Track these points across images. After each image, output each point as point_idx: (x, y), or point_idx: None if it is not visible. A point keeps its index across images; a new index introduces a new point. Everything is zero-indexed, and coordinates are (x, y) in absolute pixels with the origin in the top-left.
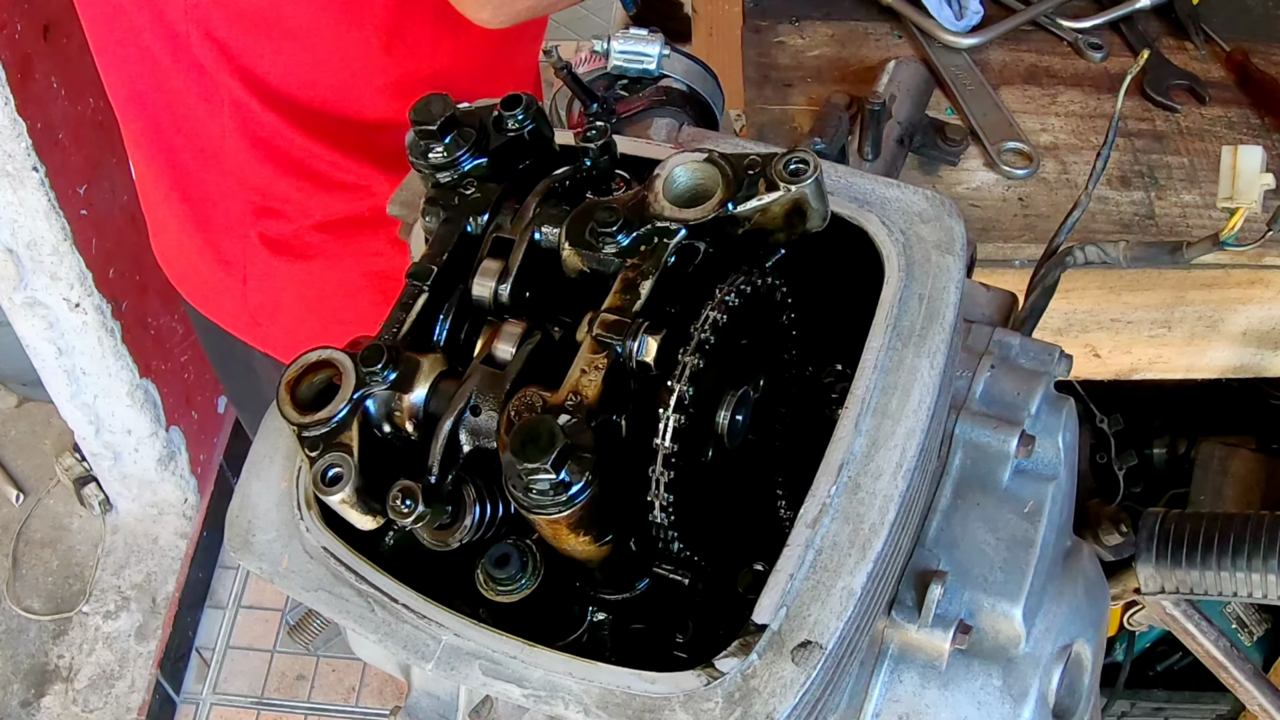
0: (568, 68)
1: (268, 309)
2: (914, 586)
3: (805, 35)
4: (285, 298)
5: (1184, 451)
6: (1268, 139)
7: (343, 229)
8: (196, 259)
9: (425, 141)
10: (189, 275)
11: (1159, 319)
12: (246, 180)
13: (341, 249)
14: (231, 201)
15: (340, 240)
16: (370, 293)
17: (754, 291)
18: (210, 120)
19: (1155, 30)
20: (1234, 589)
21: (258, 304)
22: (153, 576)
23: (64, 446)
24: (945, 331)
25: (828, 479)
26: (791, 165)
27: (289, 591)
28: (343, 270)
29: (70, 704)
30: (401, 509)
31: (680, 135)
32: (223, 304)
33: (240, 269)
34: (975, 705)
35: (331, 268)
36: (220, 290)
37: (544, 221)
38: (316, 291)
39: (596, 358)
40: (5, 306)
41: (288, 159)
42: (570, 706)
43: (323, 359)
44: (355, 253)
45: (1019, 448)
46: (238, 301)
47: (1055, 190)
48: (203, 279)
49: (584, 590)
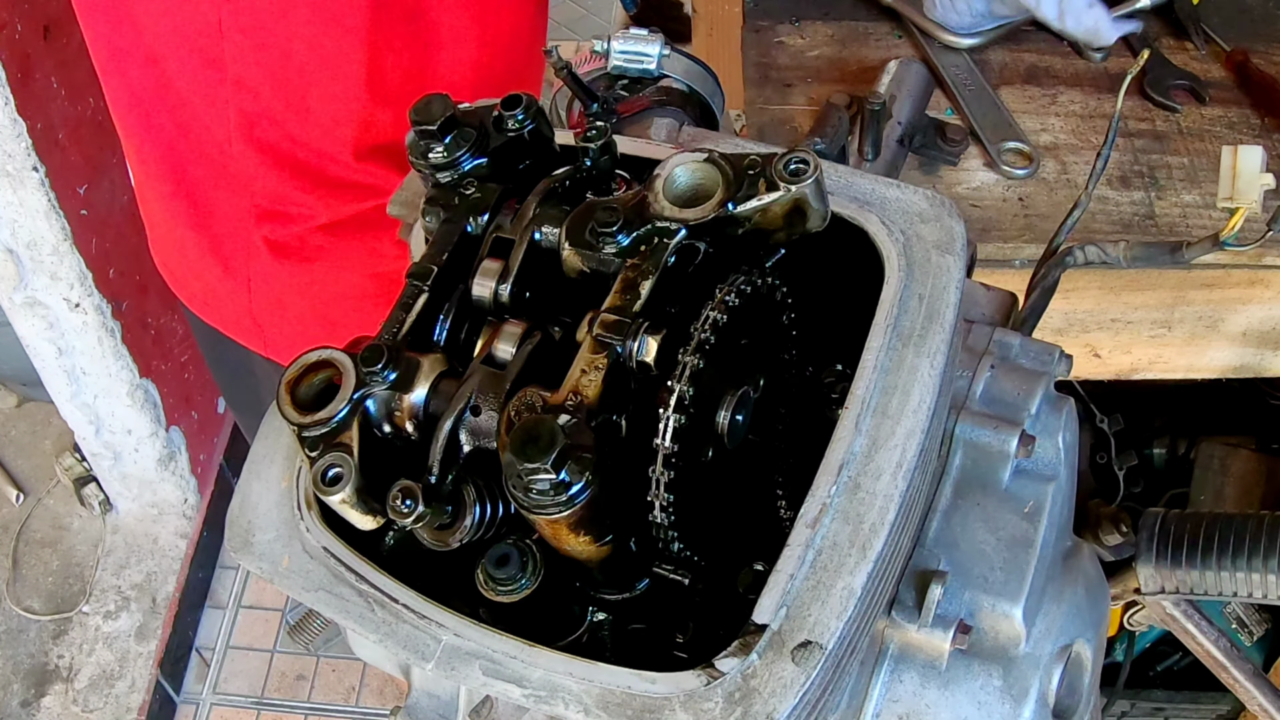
0: (568, 68)
1: (272, 313)
2: (914, 586)
3: (805, 35)
4: (289, 301)
5: (1184, 451)
6: (1268, 139)
7: (348, 230)
8: (199, 264)
9: (425, 141)
10: (190, 280)
11: (1159, 319)
12: (251, 184)
13: (346, 250)
14: (235, 206)
15: (345, 241)
16: (375, 295)
17: (754, 291)
18: (215, 125)
19: (1155, 30)
20: (1234, 589)
21: (261, 308)
22: (153, 576)
23: (64, 446)
24: (945, 331)
25: (828, 479)
26: (791, 165)
27: (289, 591)
28: (348, 272)
29: (70, 704)
30: (401, 509)
31: (680, 135)
32: (225, 309)
33: (244, 273)
34: (975, 705)
35: (336, 270)
36: (223, 295)
37: (544, 221)
38: (321, 294)
39: (596, 358)
40: (5, 306)
41: (293, 161)
42: (570, 706)
43: (323, 359)
44: (360, 254)
45: (1019, 448)
46: (241, 306)
47: (1055, 190)
48: (205, 284)
49: (584, 590)
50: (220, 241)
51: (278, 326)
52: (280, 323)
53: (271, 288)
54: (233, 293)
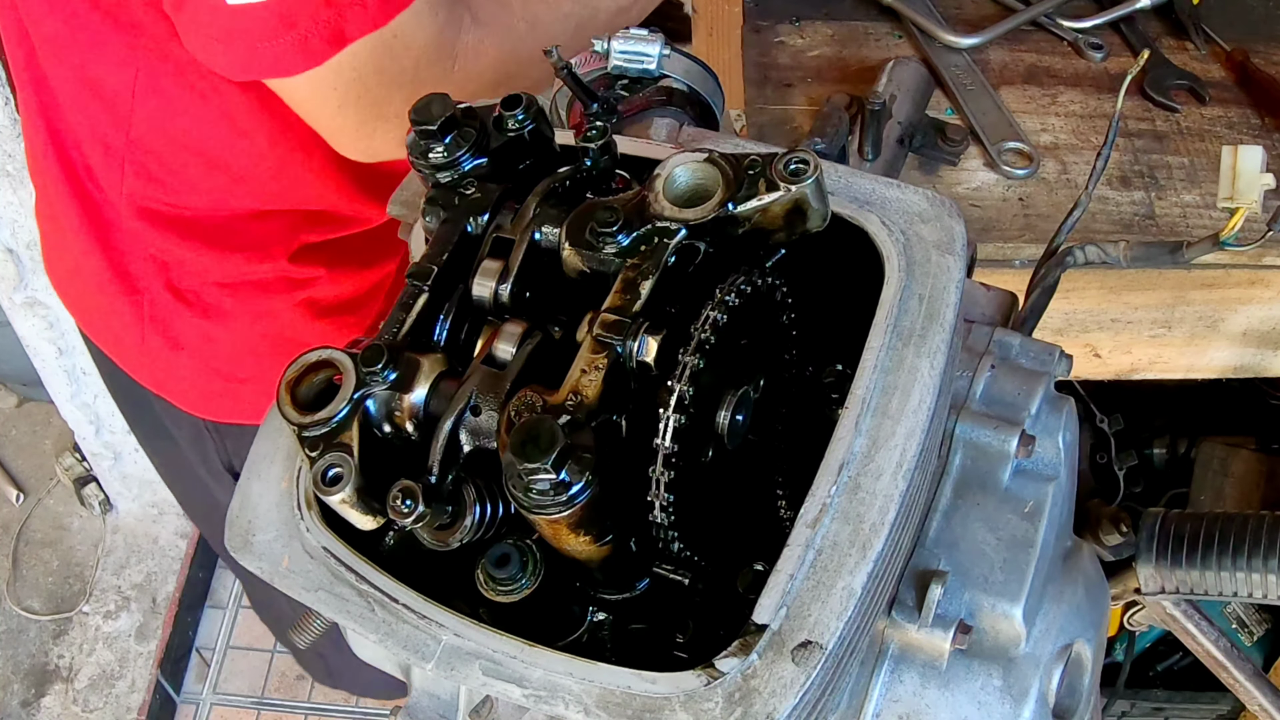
0: (568, 67)
1: (162, 350)
2: (914, 586)
3: (805, 35)
4: (184, 340)
5: (1184, 451)
6: (1268, 139)
7: (244, 290)
8: (94, 285)
9: (425, 141)
10: (83, 299)
11: (1159, 319)
12: (143, 238)
13: (241, 309)
14: (134, 249)
15: (241, 301)
16: (268, 353)
17: (754, 291)
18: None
19: (1155, 30)
20: (1234, 589)
21: (155, 345)
22: (153, 576)
23: (64, 446)
24: (945, 331)
25: (828, 479)
26: (791, 165)
27: (289, 591)
28: (243, 327)
29: (70, 704)
30: (401, 509)
31: (680, 135)
32: (120, 337)
33: (141, 309)
34: (975, 705)
35: (232, 323)
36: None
37: (544, 221)
38: (212, 341)
39: (596, 358)
40: (5, 306)
41: (181, 222)
42: (570, 706)
43: (323, 359)
44: (254, 313)
45: (1019, 448)
46: (134, 337)
47: (1055, 190)
48: (100, 307)
49: (584, 590)
50: (123, 267)
51: (169, 366)
52: (173, 363)
53: (168, 326)
54: (130, 324)
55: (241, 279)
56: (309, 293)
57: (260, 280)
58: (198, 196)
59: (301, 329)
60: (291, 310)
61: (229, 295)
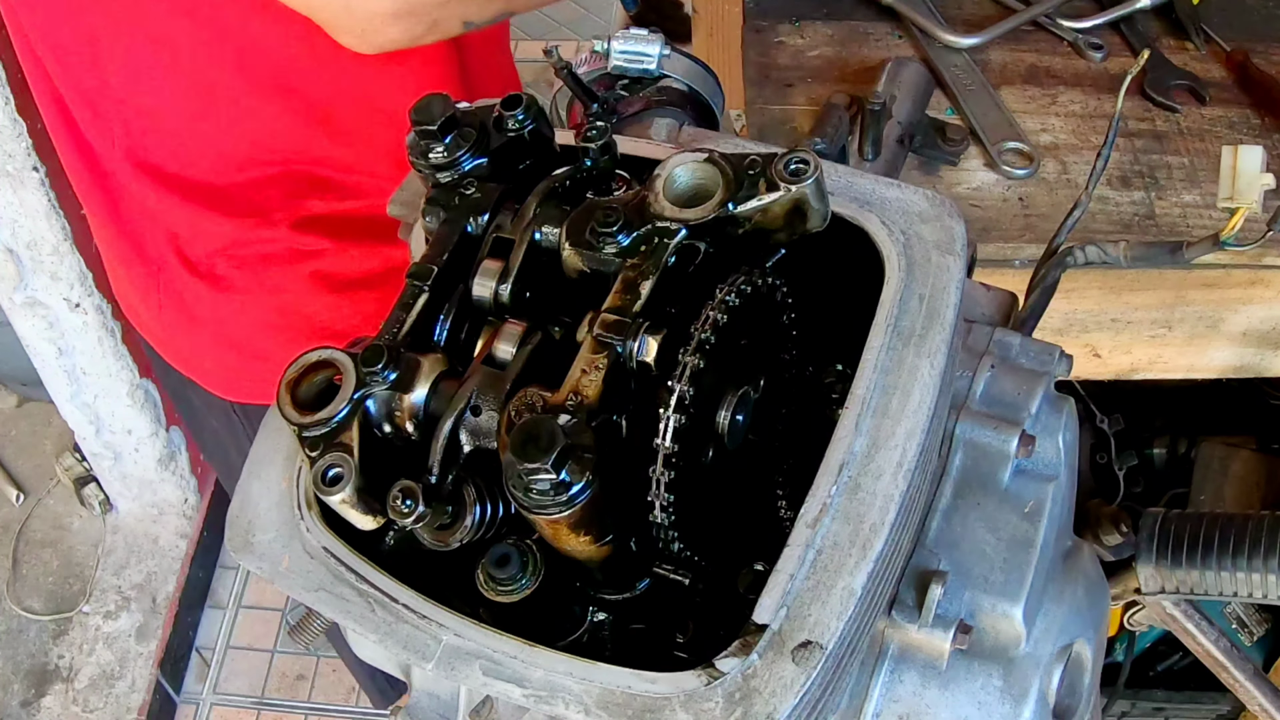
0: (568, 68)
1: (181, 325)
2: (914, 586)
3: (805, 35)
4: (198, 315)
5: (1184, 451)
6: (1268, 139)
7: (252, 263)
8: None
9: (425, 141)
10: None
11: (1159, 319)
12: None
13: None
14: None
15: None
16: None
17: (754, 291)
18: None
19: (1155, 30)
20: (1234, 589)
21: (171, 319)
22: (153, 576)
23: (64, 446)
24: (945, 331)
25: (828, 479)
26: (791, 165)
27: (289, 591)
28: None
29: (70, 704)
30: (402, 509)
31: (680, 135)
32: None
33: (156, 280)
34: (975, 705)
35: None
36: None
37: (544, 221)
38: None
39: (597, 358)
40: (5, 306)
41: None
42: (570, 706)
43: (323, 359)
44: (265, 286)
45: (1019, 448)
46: (152, 310)
47: (1055, 190)
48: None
49: (584, 590)
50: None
51: (185, 340)
52: (188, 337)
53: (182, 300)
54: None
55: (248, 249)
56: (316, 264)
57: (266, 252)
58: (186, 150)
59: (314, 302)
60: (302, 282)
61: (237, 267)
